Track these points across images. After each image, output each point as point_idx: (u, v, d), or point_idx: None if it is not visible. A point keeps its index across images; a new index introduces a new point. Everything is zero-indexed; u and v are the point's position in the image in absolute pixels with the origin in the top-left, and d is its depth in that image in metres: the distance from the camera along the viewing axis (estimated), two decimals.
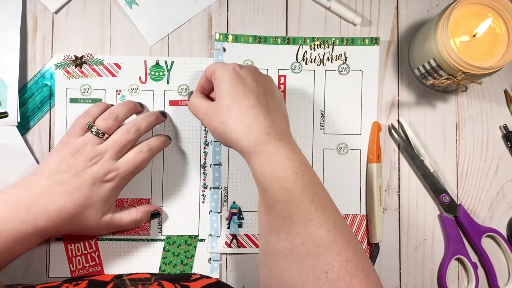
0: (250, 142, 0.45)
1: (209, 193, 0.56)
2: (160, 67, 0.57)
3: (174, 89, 0.57)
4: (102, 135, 0.50)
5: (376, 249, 0.55)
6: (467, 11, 0.50)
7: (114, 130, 0.51)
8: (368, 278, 0.41)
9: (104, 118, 0.51)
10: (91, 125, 0.50)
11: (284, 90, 0.57)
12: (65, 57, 0.56)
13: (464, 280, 0.56)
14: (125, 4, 0.57)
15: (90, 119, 0.51)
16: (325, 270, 0.41)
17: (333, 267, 0.41)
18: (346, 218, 0.56)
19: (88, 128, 0.50)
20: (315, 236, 0.42)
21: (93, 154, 0.49)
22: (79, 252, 0.55)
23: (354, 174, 0.57)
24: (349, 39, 0.57)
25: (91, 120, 0.51)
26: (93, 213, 0.49)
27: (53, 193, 0.47)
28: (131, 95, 0.56)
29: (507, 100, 0.58)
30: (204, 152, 0.56)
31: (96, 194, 0.48)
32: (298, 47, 0.57)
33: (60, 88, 0.56)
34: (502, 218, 0.57)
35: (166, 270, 0.55)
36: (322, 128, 0.57)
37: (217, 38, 0.57)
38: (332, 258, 0.41)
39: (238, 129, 0.45)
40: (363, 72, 0.57)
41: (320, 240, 0.41)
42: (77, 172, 0.48)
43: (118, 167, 0.49)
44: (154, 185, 0.56)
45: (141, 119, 0.52)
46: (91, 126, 0.50)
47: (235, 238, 0.56)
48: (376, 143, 0.56)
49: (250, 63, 0.57)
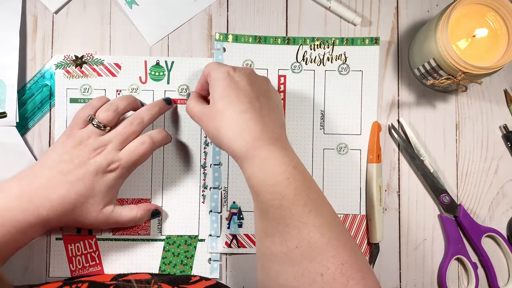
0: (242, 147, 0.45)
1: (209, 193, 0.56)
2: (161, 67, 0.57)
3: (174, 89, 0.57)
4: (104, 128, 0.50)
5: (376, 249, 0.55)
6: (467, 11, 0.50)
7: (114, 122, 0.51)
8: (365, 279, 0.41)
9: (104, 109, 0.51)
10: (92, 117, 0.50)
11: (284, 90, 0.57)
12: (65, 57, 0.56)
13: (464, 280, 0.56)
14: (125, 4, 0.57)
15: (91, 111, 0.51)
16: (321, 273, 0.41)
17: (328, 269, 0.41)
18: (346, 218, 0.56)
19: (89, 121, 0.50)
20: (309, 239, 0.42)
21: (96, 145, 0.49)
22: (79, 252, 0.55)
23: (354, 174, 0.57)
24: (349, 39, 0.57)
25: (92, 112, 0.51)
26: (95, 203, 0.49)
27: (55, 183, 0.47)
28: (131, 95, 0.56)
29: (507, 100, 0.58)
30: (204, 152, 0.56)
31: (98, 184, 0.49)
32: (298, 47, 0.57)
33: (60, 88, 0.56)
34: (502, 218, 0.57)
35: (166, 270, 0.55)
36: (322, 128, 0.57)
37: (217, 38, 0.57)
38: (328, 261, 0.41)
39: (230, 134, 0.46)
40: (363, 72, 0.57)
41: (314, 243, 0.42)
42: (80, 163, 0.48)
43: (120, 158, 0.49)
44: (154, 185, 0.56)
45: (144, 111, 0.52)
46: (92, 118, 0.50)
47: (235, 238, 0.56)
48: (376, 143, 0.56)
49: (250, 63, 0.57)
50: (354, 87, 0.57)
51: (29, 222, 0.47)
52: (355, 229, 0.56)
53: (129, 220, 0.52)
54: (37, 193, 0.47)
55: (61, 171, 0.48)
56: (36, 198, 0.47)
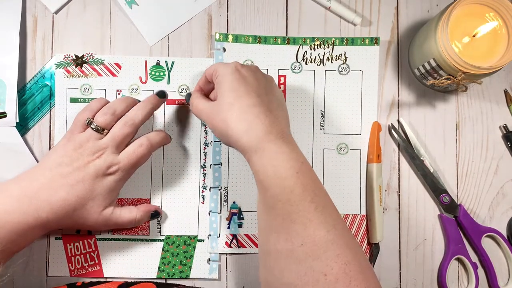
0: (252, 140, 0.45)
1: (209, 194, 0.56)
2: (161, 67, 0.57)
3: (175, 89, 0.57)
4: (102, 131, 0.50)
5: (376, 249, 0.55)
6: (467, 11, 0.50)
7: (113, 125, 0.51)
8: (367, 280, 0.41)
9: (102, 113, 0.51)
10: (90, 121, 0.50)
11: (284, 90, 0.57)
12: (65, 56, 0.56)
13: (464, 280, 0.56)
14: (125, 4, 0.57)
15: (90, 114, 0.51)
16: (324, 272, 0.40)
17: (332, 269, 0.40)
18: (346, 218, 0.56)
19: (88, 124, 0.50)
20: (314, 237, 0.42)
21: (95, 149, 0.49)
22: (78, 252, 0.55)
23: (354, 174, 0.57)
24: (349, 39, 0.57)
25: (90, 115, 0.51)
26: (95, 206, 0.49)
27: (55, 185, 0.48)
28: (132, 95, 0.56)
29: (507, 100, 0.58)
30: (204, 152, 0.56)
31: (98, 187, 0.49)
32: (298, 47, 0.57)
33: (60, 88, 0.56)
34: (502, 218, 0.57)
35: (165, 271, 0.55)
36: (322, 128, 0.57)
37: (217, 38, 0.57)
38: (332, 260, 0.41)
39: (240, 128, 0.45)
40: (363, 72, 0.57)
41: (319, 241, 0.41)
42: (80, 166, 0.48)
43: (119, 161, 0.50)
44: (153, 185, 0.56)
45: (137, 109, 0.52)
46: (91, 122, 0.50)
47: (235, 238, 0.56)
48: (376, 143, 0.56)
49: (250, 63, 0.57)
50: (354, 87, 0.57)
51: (29, 225, 0.47)
52: (355, 229, 0.56)
53: (128, 221, 0.52)
54: (37, 195, 0.47)
55: (61, 173, 0.48)
56: (36, 200, 0.47)
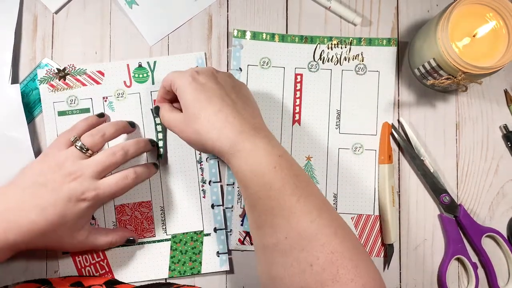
0: (226, 144, 0.45)
1: (209, 188, 0.56)
2: (143, 69, 0.56)
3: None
4: (86, 151, 0.49)
5: (391, 249, 0.55)
6: (467, 11, 0.50)
7: (99, 147, 0.50)
8: (357, 268, 0.40)
9: (91, 134, 0.50)
10: (76, 139, 0.50)
11: (300, 89, 0.57)
12: (47, 71, 0.55)
13: (464, 280, 0.56)
14: (125, 4, 0.57)
15: (76, 133, 0.51)
16: (310, 263, 0.40)
17: (318, 259, 0.40)
18: (359, 218, 0.56)
19: (73, 142, 0.50)
20: (298, 228, 0.42)
21: (72, 170, 0.48)
22: (87, 263, 0.54)
23: (369, 174, 0.56)
24: (367, 39, 0.57)
25: (77, 134, 0.51)
26: (66, 231, 0.48)
27: (26, 206, 0.46)
28: (118, 100, 0.56)
29: (507, 100, 0.58)
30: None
31: (70, 212, 0.47)
32: (315, 46, 0.57)
33: (47, 103, 0.55)
34: (502, 218, 0.57)
35: (176, 269, 0.55)
36: (338, 127, 0.57)
37: (235, 34, 0.57)
38: (317, 250, 0.41)
39: (212, 135, 0.45)
40: (379, 73, 0.57)
41: (304, 232, 0.41)
42: (54, 188, 0.47)
43: (98, 187, 0.48)
44: (153, 186, 0.56)
45: (130, 144, 0.51)
46: (77, 140, 0.50)
47: (249, 235, 0.56)
48: (387, 144, 0.56)
49: (267, 61, 0.57)
50: (371, 87, 0.57)
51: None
52: (368, 229, 0.56)
53: (105, 244, 0.52)
54: (6, 216, 0.45)
55: (33, 193, 0.46)
56: (4, 222, 0.45)
